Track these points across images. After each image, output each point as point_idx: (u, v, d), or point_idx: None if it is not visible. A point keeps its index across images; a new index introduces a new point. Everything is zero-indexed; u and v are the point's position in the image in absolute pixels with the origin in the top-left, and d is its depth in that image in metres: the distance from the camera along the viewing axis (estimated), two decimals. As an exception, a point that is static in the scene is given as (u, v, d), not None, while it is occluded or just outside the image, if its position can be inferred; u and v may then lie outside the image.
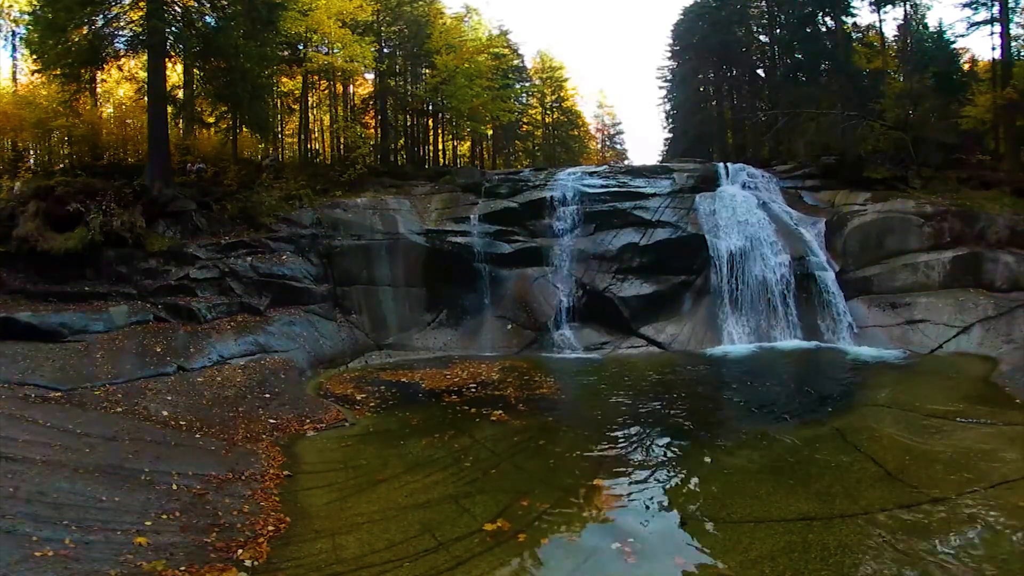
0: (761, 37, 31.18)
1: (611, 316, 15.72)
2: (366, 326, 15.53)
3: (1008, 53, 20.00)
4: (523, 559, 5.31)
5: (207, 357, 11.87)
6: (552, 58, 38.29)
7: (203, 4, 16.06)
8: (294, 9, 18.66)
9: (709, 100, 34.53)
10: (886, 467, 6.85)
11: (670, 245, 16.29)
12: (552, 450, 8.08)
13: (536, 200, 17.62)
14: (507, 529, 5.76)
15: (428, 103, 26.17)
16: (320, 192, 17.78)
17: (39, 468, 6.27)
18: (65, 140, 19.39)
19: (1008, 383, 10.27)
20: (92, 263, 13.72)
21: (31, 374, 9.95)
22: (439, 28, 25.19)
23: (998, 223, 15.15)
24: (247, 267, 14.71)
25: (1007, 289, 14.16)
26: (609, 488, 6.87)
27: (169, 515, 5.81)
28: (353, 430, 9.38)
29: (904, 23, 26.02)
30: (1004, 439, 7.63)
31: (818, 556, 5.06)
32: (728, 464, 7.34)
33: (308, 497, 6.77)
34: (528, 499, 6.45)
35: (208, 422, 9.19)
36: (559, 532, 5.82)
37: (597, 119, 47.31)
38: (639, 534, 5.70)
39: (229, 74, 15.51)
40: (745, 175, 18.49)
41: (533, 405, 10.41)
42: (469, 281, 16.48)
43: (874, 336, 14.30)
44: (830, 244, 16.18)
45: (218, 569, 4.97)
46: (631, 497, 6.56)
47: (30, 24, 16.13)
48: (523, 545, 5.50)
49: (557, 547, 5.53)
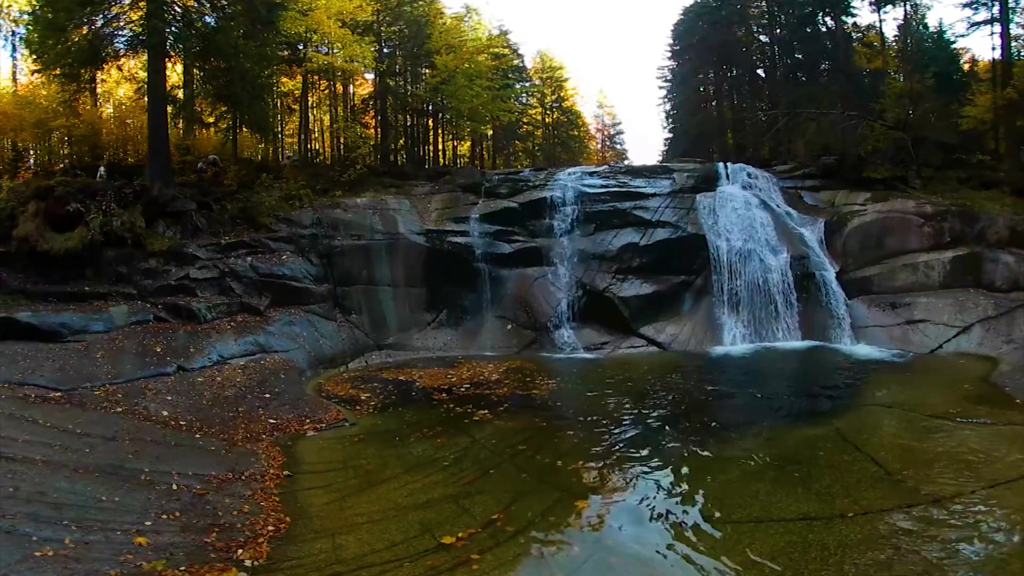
0: (761, 37, 31.20)
1: (611, 316, 15.72)
2: (366, 326, 15.52)
3: (1008, 53, 20.02)
4: (523, 559, 5.31)
5: (207, 357, 11.85)
6: (552, 58, 38.37)
7: (203, 4, 16.06)
8: (294, 9, 18.67)
9: (709, 100, 34.55)
10: (886, 467, 6.85)
11: (670, 245, 16.29)
12: (552, 450, 8.07)
13: (536, 200, 17.61)
14: (507, 529, 5.76)
15: (428, 103, 26.19)
16: (320, 192, 17.78)
17: (39, 468, 6.26)
18: (65, 140, 19.41)
19: (1008, 383, 10.26)
20: (92, 263, 13.71)
21: (31, 374, 9.93)
22: (439, 28, 25.21)
23: (998, 223, 15.14)
24: (247, 267, 14.71)
25: (1007, 289, 14.15)
26: (609, 488, 6.86)
27: (169, 515, 5.81)
28: (353, 430, 9.37)
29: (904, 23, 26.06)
30: (1004, 439, 7.62)
31: (818, 556, 5.06)
32: (728, 464, 7.33)
33: (308, 497, 6.77)
34: (528, 499, 6.44)
35: (208, 422, 9.19)
36: (559, 532, 5.82)
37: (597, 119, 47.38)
38: (639, 534, 5.70)
39: (229, 74, 15.50)
40: (745, 175, 18.48)
41: (533, 405, 10.40)
42: (469, 281, 16.48)
43: (874, 336, 14.30)
44: (830, 244, 16.17)
45: (218, 569, 4.97)
46: (631, 497, 6.55)
47: (30, 24, 16.15)
48: (523, 545, 5.50)
49: (557, 547, 5.53)
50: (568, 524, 5.98)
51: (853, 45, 26.16)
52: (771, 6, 29.54)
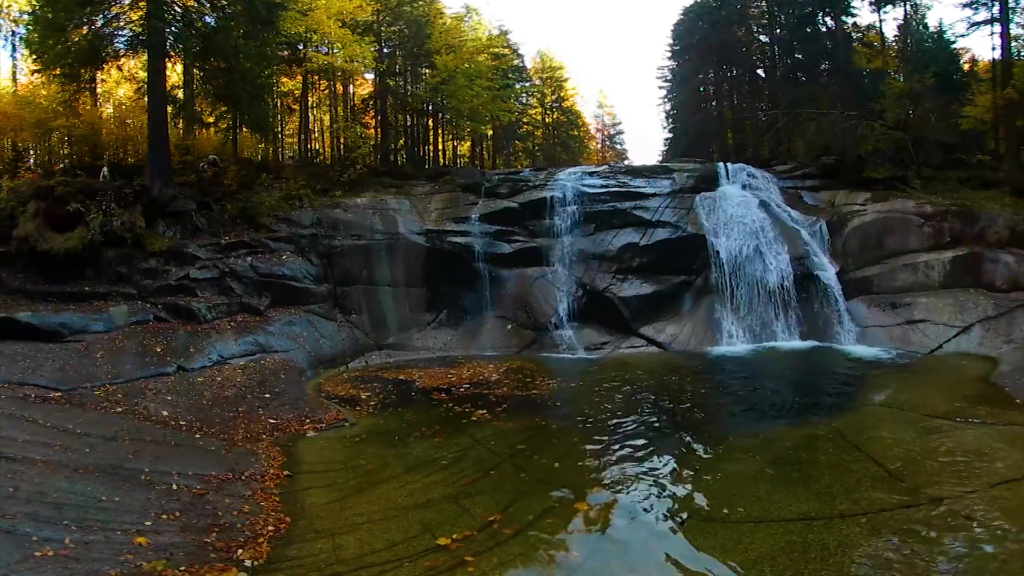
0: (761, 37, 31.19)
1: (611, 316, 15.72)
2: (366, 326, 15.53)
3: (1008, 53, 20.02)
4: (523, 559, 5.30)
5: (207, 357, 11.86)
6: (552, 58, 38.34)
7: (203, 4, 16.06)
8: (294, 9, 18.66)
9: (709, 100, 34.54)
10: (886, 467, 6.85)
11: (670, 245, 16.29)
12: (552, 450, 8.08)
13: (536, 200, 17.61)
14: (507, 529, 5.76)
15: (428, 103, 26.18)
16: (320, 192, 17.79)
17: (39, 468, 6.26)
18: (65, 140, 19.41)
19: (1008, 383, 10.26)
20: (92, 263, 13.71)
21: (31, 374, 9.94)
22: (439, 28, 25.20)
23: (998, 223, 15.14)
24: (247, 267, 14.71)
25: (1007, 289, 14.15)
26: (609, 488, 6.86)
27: (169, 515, 5.81)
28: (353, 430, 9.37)
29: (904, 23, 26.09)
30: (1004, 439, 7.61)
31: (818, 556, 5.06)
32: (728, 464, 7.33)
33: (308, 497, 6.77)
34: (528, 499, 6.45)
35: (208, 422, 9.19)
36: (559, 532, 5.82)
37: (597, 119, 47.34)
38: (638, 534, 5.70)
39: (229, 74, 15.50)
40: (745, 175, 18.49)
41: (533, 406, 10.41)
42: (469, 281, 16.48)
43: (874, 336, 14.30)
44: (830, 244, 16.18)
45: (218, 569, 4.97)
46: (631, 497, 6.55)
47: (30, 24, 16.13)
48: (523, 545, 5.50)
49: (557, 547, 5.53)
50: (568, 524, 5.98)
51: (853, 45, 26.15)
52: (771, 6, 29.54)
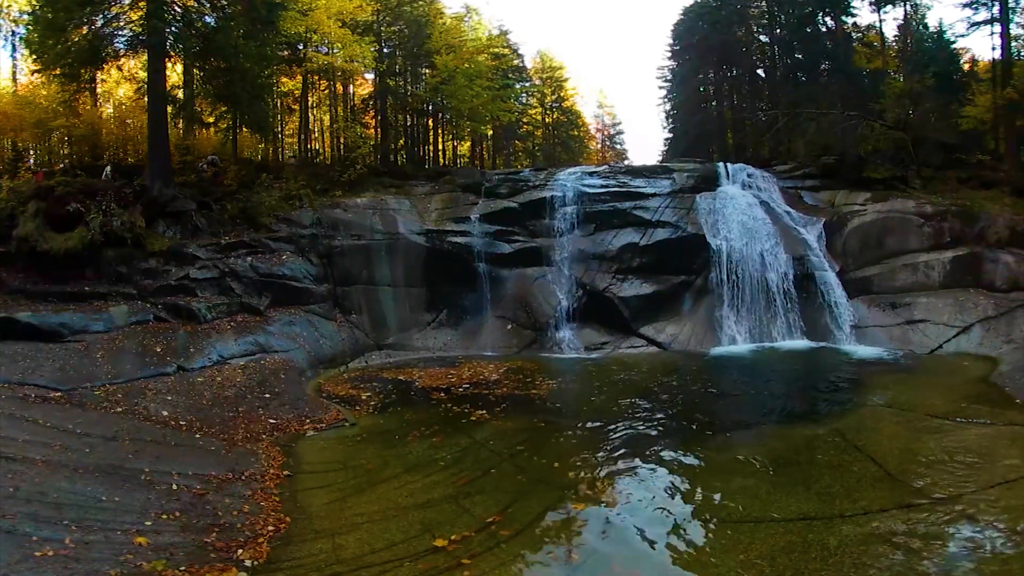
0: (761, 37, 31.17)
1: (611, 316, 15.72)
2: (366, 326, 15.52)
3: (1008, 53, 20.00)
4: (523, 559, 5.30)
5: (207, 357, 11.86)
6: (552, 58, 38.29)
7: (203, 4, 16.06)
8: (294, 9, 18.66)
9: (709, 100, 34.51)
10: (886, 467, 6.85)
11: (670, 245, 16.29)
12: (551, 450, 8.08)
13: (536, 200, 17.61)
14: (506, 530, 5.76)
15: (428, 103, 26.16)
16: (320, 192, 17.78)
17: (39, 468, 6.26)
18: (65, 140, 19.41)
19: (1008, 383, 10.26)
20: (92, 263, 13.71)
21: (31, 374, 9.94)
22: (439, 28, 25.18)
23: (998, 223, 15.14)
24: (247, 267, 14.71)
25: (1007, 289, 14.15)
26: (609, 487, 6.86)
27: (169, 515, 5.81)
28: (353, 430, 9.38)
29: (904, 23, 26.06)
30: (1004, 439, 7.62)
31: (818, 556, 5.06)
32: (728, 464, 7.33)
33: (308, 497, 6.77)
34: (527, 499, 6.45)
35: (208, 422, 9.19)
36: (559, 532, 5.82)
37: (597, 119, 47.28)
38: (638, 534, 5.69)
39: (229, 74, 15.50)
40: (745, 175, 18.49)
41: (533, 406, 10.40)
42: (469, 281, 16.48)
43: (874, 336, 14.30)
44: (830, 244, 16.18)
45: (218, 569, 4.97)
46: (631, 497, 6.55)
47: (30, 24, 16.14)
48: (522, 545, 5.50)
49: (557, 548, 5.53)
50: (567, 524, 5.98)
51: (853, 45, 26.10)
52: (771, 6, 29.52)
